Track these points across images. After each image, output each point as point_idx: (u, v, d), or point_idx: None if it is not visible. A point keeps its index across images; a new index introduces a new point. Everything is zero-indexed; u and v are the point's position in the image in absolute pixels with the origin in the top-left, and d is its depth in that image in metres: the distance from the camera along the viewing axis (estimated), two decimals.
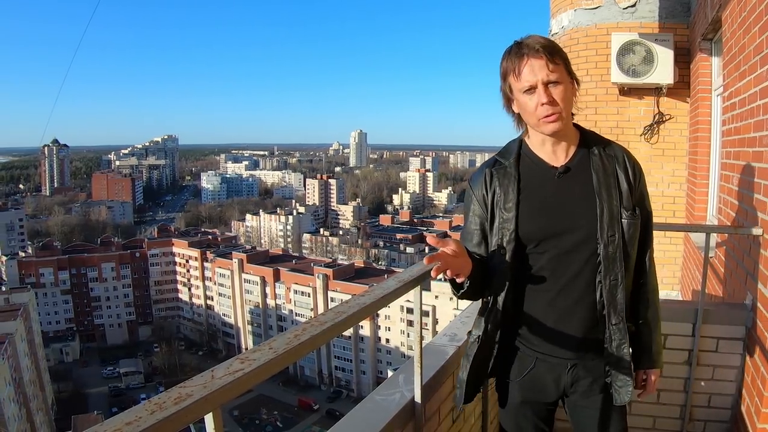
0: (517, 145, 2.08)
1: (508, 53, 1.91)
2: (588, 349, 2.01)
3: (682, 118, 6.07)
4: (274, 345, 1.44)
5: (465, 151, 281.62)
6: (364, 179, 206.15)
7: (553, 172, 1.99)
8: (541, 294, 2.00)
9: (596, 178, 1.96)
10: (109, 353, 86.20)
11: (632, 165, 2.02)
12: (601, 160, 1.99)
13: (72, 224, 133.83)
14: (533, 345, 2.06)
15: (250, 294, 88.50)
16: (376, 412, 2.17)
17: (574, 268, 1.96)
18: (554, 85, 1.85)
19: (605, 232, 1.92)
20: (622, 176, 1.98)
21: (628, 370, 2.00)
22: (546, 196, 1.98)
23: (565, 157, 2.01)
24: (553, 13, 6.75)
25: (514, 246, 1.97)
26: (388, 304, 1.94)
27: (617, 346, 1.98)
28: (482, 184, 2.08)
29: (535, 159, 2.03)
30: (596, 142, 2.04)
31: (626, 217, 1.95)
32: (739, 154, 3.35)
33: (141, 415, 1.08)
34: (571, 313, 1.98)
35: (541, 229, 1.96)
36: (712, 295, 4.08)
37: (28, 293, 70.80)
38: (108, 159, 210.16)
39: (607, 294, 1.94)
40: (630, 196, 1.97)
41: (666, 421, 3.25)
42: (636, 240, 1.99)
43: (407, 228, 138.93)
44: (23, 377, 56.02)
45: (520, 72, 1.86)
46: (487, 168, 2.09)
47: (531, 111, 1.89)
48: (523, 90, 1.88)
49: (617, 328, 1.96)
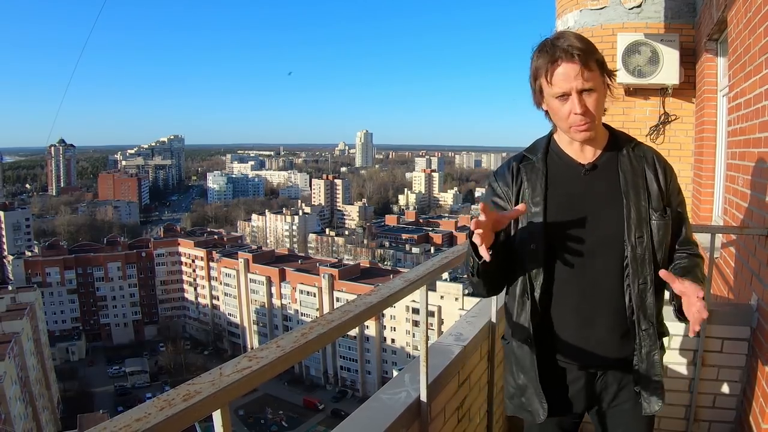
0: (545, 141, 2.04)
1: (540, 53, 1.83)
2: (617, 356, 1.96)
3: (688, 118, 6.07)
4: (282, 343, 1.46)
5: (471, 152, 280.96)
6: (370, 179, 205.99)
7: (580, 169, 1.95)
8: (565, 298, 1.94)
9: (623, 177, 1.92)
10: (115, 352, 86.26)
11: (663, 166, 1.97)
12: (629, 160, 1.95)
13: (78, 224, 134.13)
14: (559, 352, 2.00)
15: (256, 294, 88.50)
16: (382, 411, 2.18)
17: (600, 270, 1.90)
18: (588, 93, 1.81)
19: (633, 233, 1.87)
20: (652, 177, 1.94)
21: (658, 379, 1.95)
22: (572, 193, 1.94)
23: (593, 155, 1.97)
24: (558, 14, 6.75)
25: (543, 241, 1.91)
26: (394, 304, 1.94)
27: (647, 353, 1.92)
28: (508, 177, 2.02)
29: (562, 156, 1.99)
30: (625, 141, 2.00)
31: (656, 219, 1.90)
32: (744, 154, 3.35)
33: (150, 412, 1.09)
34: (596, 318, 1.92)
35: (566, 226, 1.90)
36: (718, 295, 4.08)
37: (34, 292, 71.02)
38: (114, 159, 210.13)
39: (636, 298, 1.89)
40: (660, 197, 1.92)
41: (671, 421, 3.24)
42: (666, 243, 1.94)
43: (413, 228, 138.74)
44: (29, 376, 56.21)
45: (553, 77, 1.80)
46: (514, 162, 2.04)
47: (563, 117, 1.85)
48: (555, 96, 1.83)
49: (647, 333, 1.91)
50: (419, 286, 2.13)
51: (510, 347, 2.10)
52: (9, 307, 62.81)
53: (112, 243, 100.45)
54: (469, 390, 2.89)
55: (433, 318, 68.14)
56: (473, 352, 2.94)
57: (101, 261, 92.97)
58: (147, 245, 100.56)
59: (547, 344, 1.99)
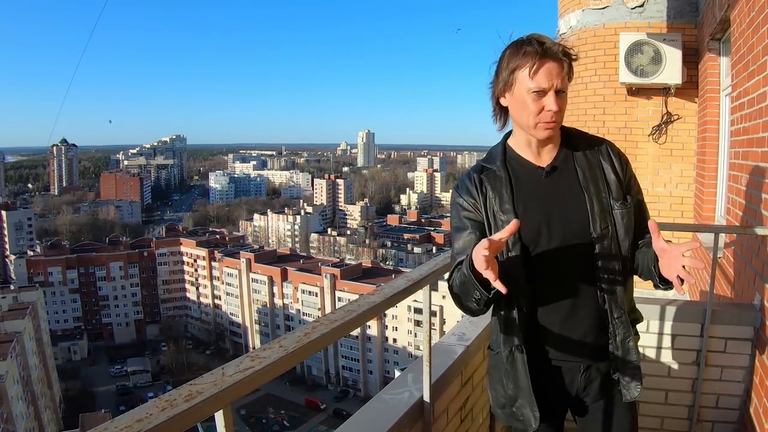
0: (500, 148, 2.04)
1: (528, 48, 1.82)
2: (599, 349, 1.98)
3: (691, 118, 6.06)
4: (285, 343, 1.46)
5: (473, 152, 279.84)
6: (372, 179, 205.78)
7: (540, 173, 1.97)
8: (548, 296, 1.95)
9: (581, 173, 1.95)
10: (117, 352, 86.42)
11: (617, 154, 2.01)
12: (584, 156, 1.98)
13: (80, 223, 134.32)
14: (544, 350, 2.00)
15: (258, 293, 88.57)
16: (385, 411, 2.18)
17: (573, 266, 1.92)
18: (562, 93, 1.84)
19: (598, 225, 1.90)
20: (609, 168, 1.97)
21: (636, 364, 1.97)
22: (537, 196, 1.95)
23: (549, 157, 1.99)
24: (561, 14, 6.74)
25: (519, 247, 1.91)
26: (396, 304, 1.94)
27: (622, 340, 1.94)
28: (472, 190, 2.00)
29: (520, 161, 2.00)
30: (579, 138, 2.03)
31: (618, 208, 1.93)
32: (747, 154, 3.34)
33: (152, 412, 1.09)
34: (575, 312, 1.94)
35: (538, 228, 1.92)
36: (721, 295, 4.07)
37: (36, 292, 71.20)
38: (116, 159, 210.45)
39: (606, 287, 1.92)
40: (619, 186, 1.95)
41: (674, 421, 3.24)
42: (631, 229, 1.95)
43: (415, 228, 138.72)
44: (31, 375, 56.29)
45: (536, 73, 1.80)
46: (474, 173, 2.03)
47: (533, 112, 1.84)
48: (531, 90, 1.82)
49: (620, 321, 1.94)
50: (422, 286, 2.13)
51: (498, 357, 2.07)
52: (11, 306, 63.04)
53: (114, 242, 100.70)
54: (472, 390, 2.89)
55: (435, 318, 68.13)
56: (476, 352, 2.93)
57: (103, 260, 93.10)
58: (149, 245, 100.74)
59: (535, 348, 2.00)
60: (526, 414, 2.01)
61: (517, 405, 2.03)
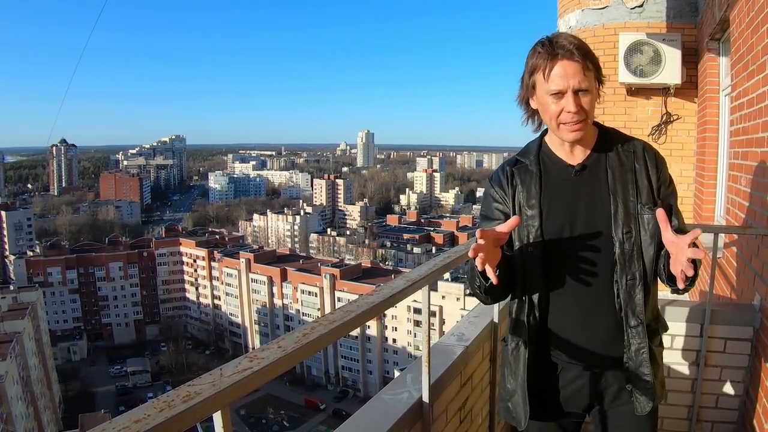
0: (536, 144, 2.04)
1: (540, 49, 1.82)
2: (616, 355, 1.93)
3: (690, 118, 6.06)
4: (283, 343, 1.45)
5: (472, 152, 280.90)
6: (371, 179, 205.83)
7: (570, 171, 1.95)
8: (563, 297, 1.93)
9: (611, 174, 1.91)
10: (117, 352, 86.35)
11: (652, 157, 1.96)
12: (618, 157, 1.94)
13: (80, 224, 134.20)
14: (552, 351, 1.99)
15: (258, 294, 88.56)
16: (384, 411, 2.17)
17: (593, 269, 1.89)
18: (584, 93, 1.80)
19: (620, 229, 1.87)
20: (642, 171, 1.93)
21: (648, 378, 1.90)
22: (564, 195, 1.94)
23: (582, 155, 1.96)
24: (560, 14, 6.74)
25: (540, 243, 1.91)
26: (396, 304, 1.93)
27: (636, 350, 1.90)
28: (503, 182, 2.02)
29: (553, 158, 1.99)
30: (615, 139, 1.99)
31: (646, 213, 1.88)
32: (747, 154, 3.34)
33: (150, 413, 1.08)
34: (592, 316, 1.92)
35: (561, 227, 1.91)
36: (720, 295, 4.07)
37: (36, 292, 71.11)
38: (116, 159, 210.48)
39: (624, 294, 1.88)
40: (650, 190, 1.91)
41: (673, 421, 3.23)
42: (657, 235, 1.87)
43: (414, 228, 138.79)
44: (31, 376, 56.26)
45: (551, 73, 1.79)
46: (508, 166, 2.04)
47: (553, 115, 1.84)
48: (550, 93, 1.81)
49: (635, 331, 1.89)
50: (421, 286, 2.12)
51: (506, 350, 2.09)
52: (11, 306, 62.94)
53: (114, 243, 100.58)
54: (471, 390, 2.88)
55: (435, 318, 68.11)
56: (475, 353, 2.93)
57: (103, 261, 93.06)
58: (148, 245, 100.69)
59: (544, 346, 1.99)
60: (518, 411, 2.02)
61: (513, 401, 2.04)
